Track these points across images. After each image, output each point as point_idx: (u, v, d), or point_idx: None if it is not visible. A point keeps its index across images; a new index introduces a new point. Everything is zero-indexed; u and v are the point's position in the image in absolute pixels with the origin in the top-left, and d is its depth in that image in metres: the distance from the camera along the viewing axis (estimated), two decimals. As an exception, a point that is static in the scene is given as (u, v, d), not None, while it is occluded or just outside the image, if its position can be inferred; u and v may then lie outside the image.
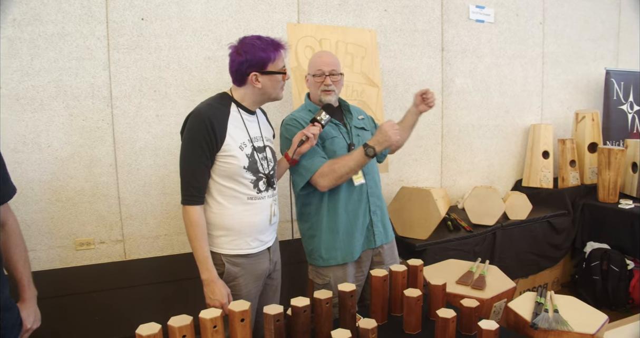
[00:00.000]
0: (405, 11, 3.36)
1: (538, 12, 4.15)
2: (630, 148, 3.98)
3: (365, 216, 2.16)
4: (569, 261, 4.03)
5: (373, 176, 2.21)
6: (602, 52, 4.75)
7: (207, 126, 1.69)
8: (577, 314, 1.93)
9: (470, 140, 3.83)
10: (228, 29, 2.76)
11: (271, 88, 1.83)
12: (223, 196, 1.78)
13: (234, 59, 1.76)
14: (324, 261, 2.13)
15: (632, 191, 3.96)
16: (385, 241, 2.24)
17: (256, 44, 1.74)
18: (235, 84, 1.83)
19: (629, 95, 4.64)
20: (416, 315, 1.70)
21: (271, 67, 1.78)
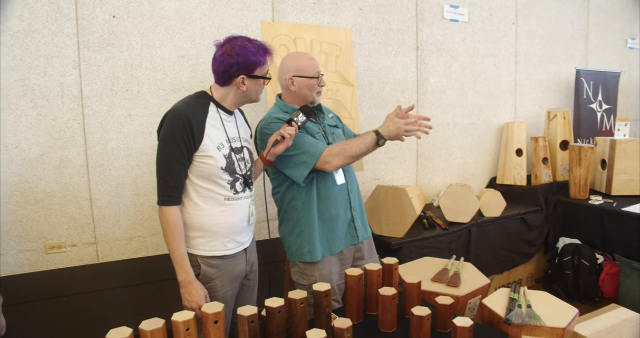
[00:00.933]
0: (380, 10, 3.37)
1: (511, 13, 4.21)
2: (600, 146, 4.08)
3: (346, 212, 2.19)
4: (543, 257, 4.11)
5: (351, 173, 2.25)
6: (573, 52, 4.86)
7: (185, 125, 1.66)
8: (549, 309, 1.96)
9: (445, 138, 3.86)
10: (202, 27, 2.72)
11: (254, 91, 1.83)
12: (200, 197, 1.76)
13: (224, 59, 1.73)
14: (311, 256, 2.11)
15: (601, 187, 4.06)
16: (366, 236, 2.29)
17: (248, 47, 1.73)
18: (219, 84, 1.81)
19: (598, 94, 4.75)
20: (391, 314, 1.70)
21: (258, 71, 1.78)
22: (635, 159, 3.89)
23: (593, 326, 2.23)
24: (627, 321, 2.28)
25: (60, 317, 2.47)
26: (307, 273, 2.16)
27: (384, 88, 3.44)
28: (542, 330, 1.83)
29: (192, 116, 1.69)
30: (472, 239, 3.23)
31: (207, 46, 2.72)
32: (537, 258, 3.99)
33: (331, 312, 1.70)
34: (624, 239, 3.50)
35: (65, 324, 2.48)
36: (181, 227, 1.72)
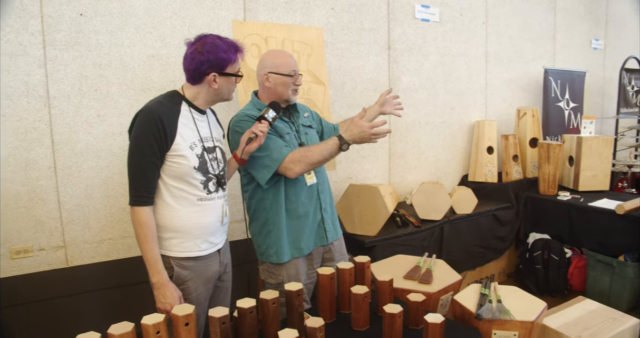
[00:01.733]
0: (352, 9, 3.39)
1: (481, 13, 4.28)
2: (567, 143, 4.18)
3: (316, 213, 2.19)
4: (514, 252, 4.19)
5: (322, 173, 2.25)
6: (541, 52, 4.97)
7: (157, 124, 1.64)
8: (519, 303, 2.01)
9: (417, 137, 3.90)
10: (172, 26, 2.69)
11: (226, 89, 1.82)
12: (172, 197, 1.74)
13: (194, 57, 1.72)
14: (278, 257, 2.12)
15: (569, 183, 4.17)
16: (335, 237, 2.29)
17: (218, 44, 1.72)
18: (190, 82, 1.79)
19: (565, 93, 4.88)
20: (364, 312, 1.72)
21: (230, 69, 1.77)
22: (600, 155, 4.00)
23: (561, 318, 2.29)
24: (593, 312, 2.34)
25: (27, 324, 2.41)
26: (274, 273, 2.17)
27: (356, 87, 3.45)
28: (511, 324, 1.88)
29: (164, 115, 1.67)
30: (445, 236, 3.28)
31: (178, 45, 2.69)
32: (508, 253, 4.07)
33: (304, 312, 1.71)
34: (590, 233, 3.60)
35: (31, 331, 2.42)
36: (154, 228, 1.70)
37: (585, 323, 2.23)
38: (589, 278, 3.69)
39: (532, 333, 1.91)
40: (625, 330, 2.19)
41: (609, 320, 2.25)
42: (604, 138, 4.02)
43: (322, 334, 1.48)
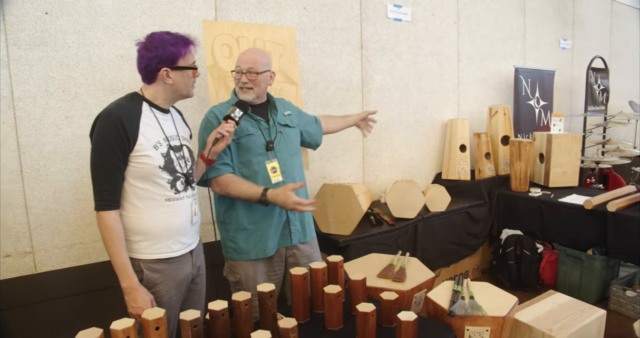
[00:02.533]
0: (324, 9, 3.39)
1: (453, 12, 4.33)
2: (538, 140, 4.26)
3: (281, 214, 2.17)
4: (487, 249, 4.25)
5: (293, 175, 2.22)
6: (511, 51, 5.06)
7: (117, 126, 1.62)
8: (491, 299, 2.04)
9: (390, 136, 3.93)
10: (142, 26, 2.64)
11: (182, 84, 1.79)
12: (139, 199, 1.72)
13: (143, 55, 1.70)
14: (237, 254, 2.16)
15: (540, 180, 4.25)
16: (303, 240, 2.27)
17: (166, 38, 1.70)
18: (146, 82, 1.77)
19: (536, 91, 4.97)
20: (337, 311, 1.72)
21: (182, 62, 1.74)
22: (569, 152, 4.09)
23: (532, 312, 2.33)
24: (563, 305, 2.39)
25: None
26: (233, 270, 2.19)
27: (329, 87, 3.46)
28: (484, 319, 1.90)
29: (124, 117, 1.64)
30: (419, 234, 3.30)
31: (148, 45, 2.65)
32: (482, 250, 4.13)
33: (277, 312, 1.70)
34: (561, 228, 3.68)
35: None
36: (121, 232, 1.67)
37: (556, 316, 2.27)
38: (560, 272, 3.77)
39: (504, 328, 1.94)
40: (593, 321, 2.25)
41: (578, 312, 2.30)
42: (573, 135, 4.12)
43: (295, 335, 1.48)
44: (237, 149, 2.14)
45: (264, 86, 2.17)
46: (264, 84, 2.16)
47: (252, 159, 2.14)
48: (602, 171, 5.25)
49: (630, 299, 3.35)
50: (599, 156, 5.02)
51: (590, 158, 5.03)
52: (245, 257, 2.16)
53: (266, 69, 2.15)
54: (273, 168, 2.16)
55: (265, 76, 2.16)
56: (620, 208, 3.31)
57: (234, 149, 2.14)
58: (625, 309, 3.39)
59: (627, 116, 5.33)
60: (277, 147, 2.19)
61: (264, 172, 2.14)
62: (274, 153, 2.17)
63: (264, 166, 2.14)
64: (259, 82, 2.13)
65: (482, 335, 1.91)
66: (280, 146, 2.20)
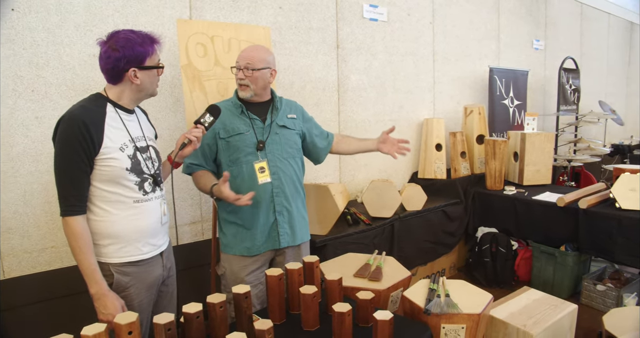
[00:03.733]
0: (300, 9, 3.38)
1: (428, 13, 4.36)
2: (512, 139, 4.33)
3: (268, 215, 2.17)
4: (464, 247, 4.30)
5: (282, 176, 2.20)
6: (486, 51, 5.12)
7: (81, 130, 1.57)
8: (466, 296, 2.06)
9: (367, 135, 3.92)
10: (115, 24, 2.59)
11: (149, 84, 1.76)
12: (107, 202, 1.68)
13: (110, 55, 1.65)
14: (224, 247, 2.21)
15: (514, 178, 4.31)
16: (292, 243, 2.26)
17: (132, 38, 1.66)
18: (111, 83, 1.72)
19: (510, 91, 5.05)
20: (313, 312, 1.71)
21: (149, 61, 1.71)
22: (542, 151, 4.16)
23: (507, 309, 2.36)
24: (537, 301, 2.43)
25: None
26: (221, 263, 2.24)
27: (305, 86, 3.45)
28: (459, 317, 1.92)
29: (87, 119, 1.60)
30: (396, 233, 3.32)
31: (120, 44, 2.60)
32: (458, 248, 4.18)
33: (252, 314, 1.69)
34: (535, 225, 3.75)
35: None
36: (88, 237, 1.63)
37: (530, 312, 2.31)
38: (534, 269, 3.83)
39: (479, 325, 1.96)
40: (565, 315, 2.29)
41: (551, 307, 2.35)
42: (546, 134, 4.19)
43: (271, 336, 1.47)
44: (227, 147, 2.14)
45: (261, 83, 2.14)
46: (261, 81, 2.14)
47: (241, 158, 2.14)
48: (574, 169, 5.37)
49: (601, 293, 3.43)
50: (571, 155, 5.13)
51: (563, 156, 5.13)
52: (230, 251, 2.19)
53: (265, 66, 2.13)
54: (261, 168, 2.14)
55: (264, 73, 2.13)
56: (591, 204, 3.39)
57: (224, 148, 2.15)
58: (595, 303, 3.47)
59: (597, 115, 5.45)
60: (269, 147, 2.17)
61: (251, 171, 2.13)
62: (265, 153, 2.15)
63: (252, 166, 2.13)
64: (256, 79, 2.11)
65: (457, 332, 1.93)
66: (272, 146, 2.18)
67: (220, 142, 2.14)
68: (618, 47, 8.04)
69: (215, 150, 2.18)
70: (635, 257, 3.16)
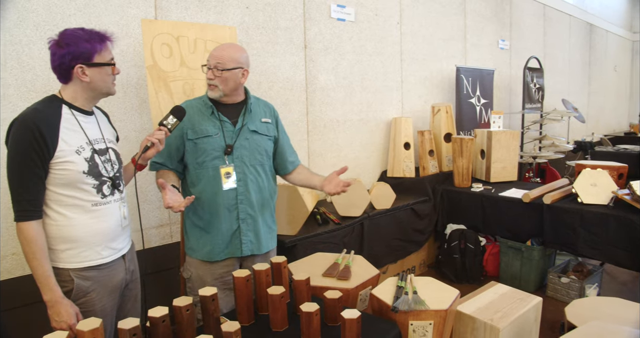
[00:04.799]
0: (267, 9, 3.36)
1: (395, 13, 4.40)
2: (479, 137, 4.41)
3: (231, 222, 2.12)
4: (433, 244, 4.35)
5: (249, 183, 2.14)
6: (453, 51, 5.21)
7: (34, 134, 1.53)
8: (434, 293, 2.08)
9: (335, 135, 3.95)
10: (77, 23, 2.51)
11: (101, 82, 1.70)
12: (63, 206, 1.64)
13: (55, 52, 1.61)
14: (188, 250, 2.18)
15: (482, 175, 4.40)
16: (257, 251, 2.20)
17: (79, 34, 1.62)
18: (62, 81, 1.68)
19: (476, 89, 5.14)
20: (282, 312, 1.70)
21: (98, 58, 1.66)
22: (508, 148, 4.26)
23: (475, 304, 2.40)
24: (504, 295, 2.48)
25: None
26: (187, 267, 2.19)
27: (273, 87, 3.44)
28: (427, 313, 1.94)
29: (41, 122, 1.56)
30: (365, 232, 3.33)
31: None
32: (428, 245, 4.23)
33: (220, 316, 1.67)
34: (502, 221, 3.83)
35: None
36: (42, 243, 1.59)
37: (497, 306, 2.35)
38: (502, 264, 3.92)
39: (447, 321, 1.98)
40: (531, 308, 2.34)
41: (517, 301, 2.39)
42: (512, 132, 4.29)
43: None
44: (194, 149, 2.08)
45: (232, 84, 2.07)
46: (232, 82, 2.06)
47: (207, 161, 2.08)
48: (539, 165, 5.50)
49: (565, 285, 3.53)
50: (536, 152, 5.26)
51: (528, 153, 5.26)
52: (194, 255, 2.15)
53: (236, 66, 2.05)
54: (227, 173, 2.08)
55: (234, 74, 2.05)
56: (555, 200, 3.48)
57: (191, 149, 2.09)
58: (560, 295, 3.57)
59: (561, 113, 5.61)
60: (237, 152, 2.10)
61: (217, 176, 2.08)
62: (232, 158, 2.09)
63: (218, 170, 2.08)
64: (226, 79, 2.04)
65: (425, 329, 1.95)
66: (241, 151, 2.11)
67: (188, 143, 2.09)
68: (579, 48, 8.29)
69: (183, 151, 2.12)
70: (597, 250, 3.26)
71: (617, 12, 9.88)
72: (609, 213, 3.18)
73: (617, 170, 3.66)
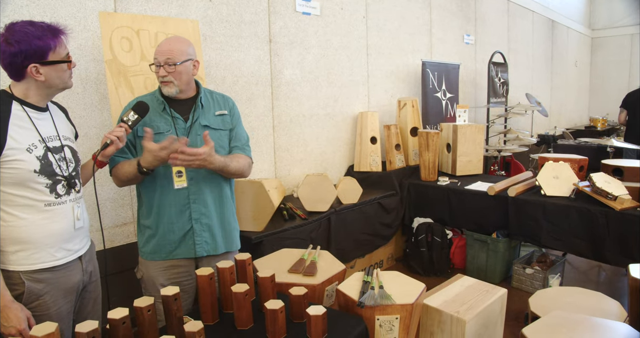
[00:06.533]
0: (231, 2, 3.30)
1: (361, 7, 4.39)
2: (445, 131, 4.45)
3: (183, 222, 2.05)
4: (401, 237, 4.39)
5: (201, 182, 2.07)
6: (418, 46, 5.24)
7: None
8: (400, 287, 2.09)
9: (301, 130, 3.92)
10: (30, 16, 2.39)
11: (57, 79, 1.63)
12: (13, 206, 1.57)
13: (5, 50, 1.52)
14: (139, 250, 2.12)
15: (448, 169, 4.45)
16: (213, 252, 2.13)
17: (29, 31, 1.53)
18: (13, 79, 1.60)
19: (442, 84, 5.19)
20: (246, 310, 1.68)
21: (53, 56, 1.59)
22: (474, 142, 4.31)
23: (441, 297, 2.41)
24: (470, 287, 2.50)
25: None
26: (139, 267, 2.14)
27: (237, 81, 3.38)
28: (393, 308, 1.94)
29: None
30: (332, 226, 3.32)
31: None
32: (395, 239, 4.26)
33: (183, 316, 1.63)
34: (468, 214, 3.88)
35: None
36: None
37: (463, 298, 2.37)
38: (468, 256, 3.98)
39: (413, 315, 1.99)
40: (496, 300, 2.37)
41: (483, 293, 2.42)
42: (477, 126, 4.34)
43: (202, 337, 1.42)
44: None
45: (185, 77, 2.00)
46: (185, 75, 1.99)
47: None
48: (504, 158, 5.61)
49: (529, 276, 3.61)
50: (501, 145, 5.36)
51: (493, 147, 5.35)
52: (144, 256, 2.10)
53: (186, 58, 1.98)
54: (178, 172, 2.01)
55: (186, 66, 1.99)
56: (519, 192, 3.54)
57: (142, 147, 1.99)
58: (525, 285, 3.65)
59: (524, 107, 5.72)
60: None
61: (168, 174, 2.01)
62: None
63: (169, 169, 2.00)
64: (179, 74, 1.97)
65: (392, 323, 1.95)
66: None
67: (139, 141, 2.01)
68: (542, 43, 8.47)
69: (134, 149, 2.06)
70: (559, 240, 3.35)
71: (576, 9, 10.15)
72: (571, 205, 3.26)
73: (578, 163, 3.75)
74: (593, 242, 3.17)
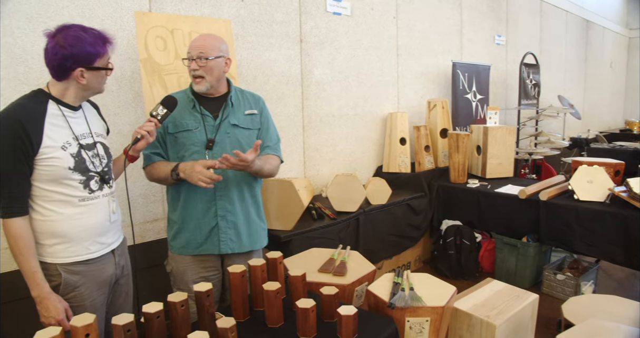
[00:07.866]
0: (262, 2, 3.33)
1: (391, 7, 4.37)
2: (475, 133, 4.39)
3: (209, 218, 2.07)
4: (428, 239, 4.34)
5: (228, 179, 2.07)
6: (449, 46, 5.18)
7: (17, 130, 1.51)
8: (430, 289, 2.07)
9: (331, 130, 3.92)
10: (70, 16, 2.47)
11: (96, 84, 1.70)
12: (50, 202, 1.63)
13: (57, 52, 1.57)
14: (169, 244, 2.16)
15: (477, 171, 4.38)
16: (238, 250, 2.13)
17: (83, 37, 1.59)
18: (55, 79, 1.65)
19: (472, 85, 5.12)
20: (277, 308, 1.69)
21: (99, 62, 1.65)
22: (504, 144, 4.24)
23: (471, 300, 2.39)
24: (500, 292, 2.47)
25: None
26: (169, 260, 2.17)
27: (268, 81, 3.40)
28: (423, 310, 1.92)
29: (25, 119, 1.54)
30: (361, 227, 3.31)
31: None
32: (423, 241, 4.22)
33: (215, 312, 1.65)
34: (497, 217, 3.81)
35: None
36: (29, 239, 1.58)
37: (493, 303, 2.34)
38: (497, 260, 3.91)
39: (443, 317, 1.97)
40: (527, 305, 2.34)
41: (513, 298, 2.39)
42: (508, 128, 4.27)
43: (234, 334, 1.44)
44: (174, 143, 2.04)
45: (217, 73, 2.01)
46: (217, 71, 2.00)
47: (187, 156, 2.02)
48: (535, 161, 5.50)
49: (560, 282, 3.53)
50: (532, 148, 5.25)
51: (524, 150, 5.25)
52: (172, 250, 2.13)
53: (219, 54, 1.99)
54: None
55: (219, 62, 2.00)
56: (551, 196, 3.47)
57: (172, 143, 2.05)
58: (556, 292, 3.57)
59: (557, 109, 5.60)
60: (217, 147, 2.03)
61: None
62: (212, 154, 2.02)
63: None
64: (211, 69, 1.98)
65: (422, 325, 1.94)
66: (222, 146, 2.04)
67: (169, 137, 2.05)
68: (575, 44, 8.29)
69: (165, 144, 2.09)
70: (593, 247, 3.26)
71: (613, 8, 9.89)
72: (605, 210, 3.17)
73: (614, 167, 3.65)
74: (629, 249, 3.08)
